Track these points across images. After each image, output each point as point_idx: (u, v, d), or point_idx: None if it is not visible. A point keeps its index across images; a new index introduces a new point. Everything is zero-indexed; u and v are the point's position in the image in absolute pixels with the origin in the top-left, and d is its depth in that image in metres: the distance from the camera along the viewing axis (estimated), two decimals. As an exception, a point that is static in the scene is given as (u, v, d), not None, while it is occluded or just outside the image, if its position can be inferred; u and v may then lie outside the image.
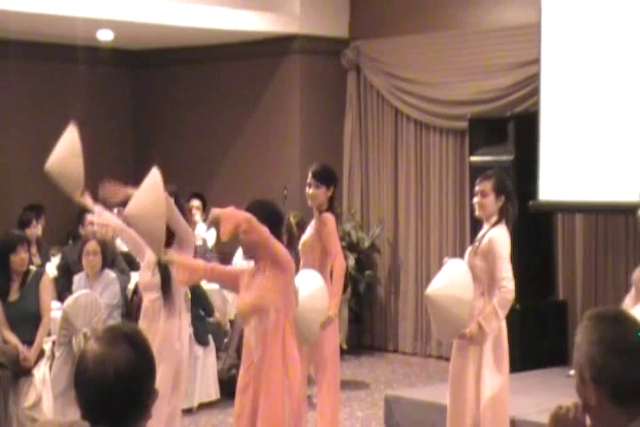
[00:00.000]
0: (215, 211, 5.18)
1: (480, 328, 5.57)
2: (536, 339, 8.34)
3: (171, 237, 5.97)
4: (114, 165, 11.95)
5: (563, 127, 8.39)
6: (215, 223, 6.37)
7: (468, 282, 5.48)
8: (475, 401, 5.63)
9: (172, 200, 6.06)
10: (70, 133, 6.86)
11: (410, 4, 10.18)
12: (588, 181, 8.21)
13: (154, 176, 5.95)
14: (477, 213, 5.88)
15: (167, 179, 6.10)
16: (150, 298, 6.00)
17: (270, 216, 5.26)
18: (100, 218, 6.62)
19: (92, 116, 11.68)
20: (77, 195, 6.52)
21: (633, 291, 5.52)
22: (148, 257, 6.08)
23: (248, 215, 5.07)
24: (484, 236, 5.76)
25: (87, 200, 6.51)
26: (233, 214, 5.13)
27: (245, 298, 5.18)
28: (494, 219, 5.78)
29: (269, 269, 5.12)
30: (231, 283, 5.44)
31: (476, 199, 5.86)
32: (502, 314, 5.63)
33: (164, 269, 5.92)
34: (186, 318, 6.24)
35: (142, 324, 6.00)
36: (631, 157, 7.93)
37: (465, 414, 5.61)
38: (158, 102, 12.06)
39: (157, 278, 5.95)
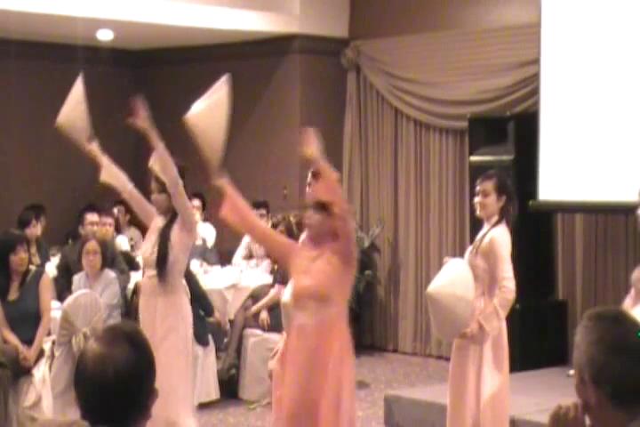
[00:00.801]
0: (324, 167, 4.97)
1: (481, 328, 5.58)
2: (536, 339, 8.34)
3: (174, 217, 6.14)
4: (114, 161, 11.92)
5: (562, 127, 8.39)
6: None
7: (470, 281, 5.48)
8: (475, 401, 5.64)
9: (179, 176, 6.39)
10: (76, 87, 7.06)
11: (410, 4, 10.19)
12: (587, 181, 8.21)
13: (222, 87, 6.03)
14: (478, 212, 5.88)
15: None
16: (148, 274, 6.13)
17: None
18: (108, 172, 6.82)
19: (92, 116, 11.67)
20: (86, 143, 6.71)
21: (633, 291, 5.53)
22: (152, 228, 6.20)
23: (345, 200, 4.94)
24: (484, 236, 5.76)
25: (95, 150, 6.76)
26: (336, 189, 5.02)
27: (306, 282, 4.95)
28: (495, 219, 5.79)
29: (335, 260, 4.94)
30: (277, 250, 5.32)
31: (477, 199, 5.86)
32: (503, 314, 5.64)
33: (162, 246, 6.01)
34: (185, 298, 6.32)
35: (141, 300, 6.16)
36: (631, 157, 7.93)
37: (465, 414, 5.62)
38: (158, 102, 12.04)
39: (154, 256, 6.04)
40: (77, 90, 7.02)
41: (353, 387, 5.22)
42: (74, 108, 6.95)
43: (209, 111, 5.91)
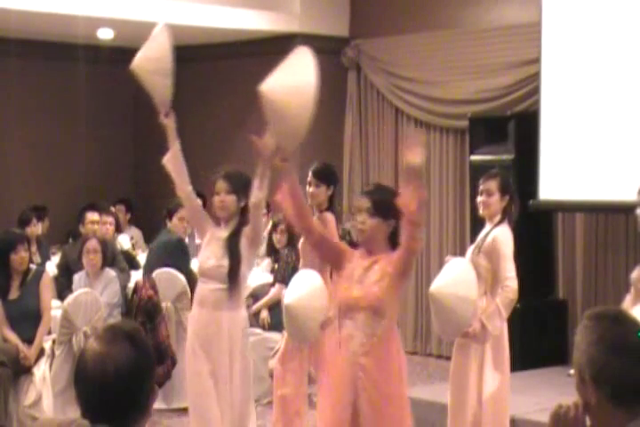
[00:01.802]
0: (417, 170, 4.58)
1: (483, 327, 5.58)
2: (536, 338, 8.34)
3: (240, 226, 5.67)
4: (114, 160, 11.98)
5: (563, 126, 8.39)
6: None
7: (472, 280, 5.48)
8: (476, 400, 5.64)
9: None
10: (162, 34, 5.95)
11: (410, 3, 10.19)
12: (588, 181, 8.21)
13: (309, 63, 5.38)
14: (481, 212, 5.88)
15: (166, 176, 6.07)
16: (212, 287, 5.65)
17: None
18: (174, 158, 6.29)
19: (93, 113, 11.70)
20: (162, 113, 6.04)
21: (633, 290, 5.53)
22: (209, 238, 5.74)
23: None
24: (487, 235, 5.76)
25: (170, 126, 6.15)
26: (422, 198, 4.57)
27: (358, 293, 4.66)
28: (497, 218, 5.79)
29: (391, 271, 4.62)
30: (330, 251, 4.89)
31: (480, 198, 5.86)
32: (505, 313, 5.64)
33: (234, 260, 5.58)
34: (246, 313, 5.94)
35: (201, 314, 5.69)
36: (631, 157, 7.93)
37: (466, 413, 5.62)
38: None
39: (224, 269, 5.59)
40: (163, 39, 5.94)
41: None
42: (158, 59, 5.96)
43: (295, 90, 5.13)
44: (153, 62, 5.79)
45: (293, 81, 5.18)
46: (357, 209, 4.83)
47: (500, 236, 5.71)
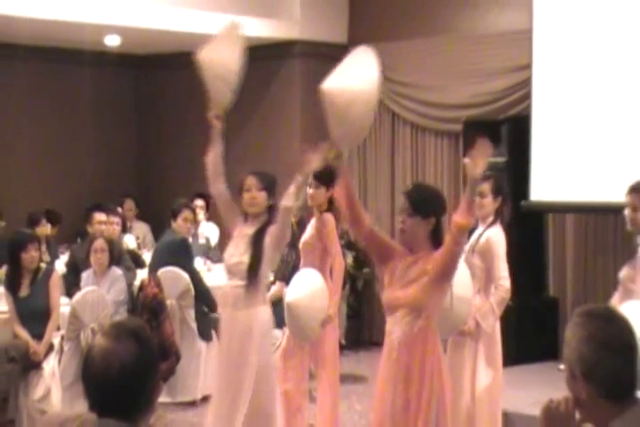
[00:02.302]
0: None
1: (477, 325, 5.59)
2: (528, 334, 8.34)
3: (267, 224, 5.51)
4: (119, 162, 11.97)
5: (554, 130, 8.40)
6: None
7: (467, 280, 5.48)
8: (470, 395, 5.65)
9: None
10: (232, 28, 5.78)
11: (406, 10, 10.19)
12: (578, 183, 8.22)
13: (373, 63, 5.16)
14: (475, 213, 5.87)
15: (170, 178, 6.11)
16: (232, 284, 5.53)
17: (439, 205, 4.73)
18: (214, 158, 6.14)
19: (99, 117, 11.70)
20: (213, 114, 5.90)
21: (621, 289, 5.53)
22: (236, 235, 5.58)
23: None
24: (480, 236, 5.77)
25: (217, 128, 6.08)
26: (472, 209, 4.52)
27: (398, 292, 4.62)
28: (490, 219, 5.79)
29: (430, 270, 4.53)
30: (381, 248, 4.73)
31: None
32: (499, 311, 5.66)
33: (255, 253, 5.44)
34: (268, 310, 5.61)
35: (223, 311, 5.56)
36: (620, 159, 7.93)
37: (460, 407, 5.62)
38: (163, 104, 12.07)
39: (243, 266, 5.45)
40: (235, 39, 5.76)
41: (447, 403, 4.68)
42: (226, 64, 5.78)
43: (358, 92, 4.89)
44: (220, 66, 5.64)
45: (356, 81, 4.94)
46: (399, 209, 4.74)
47: (493, 236, 5.72)
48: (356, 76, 4.98)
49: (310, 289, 5.95)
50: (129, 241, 9.99)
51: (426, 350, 4.58)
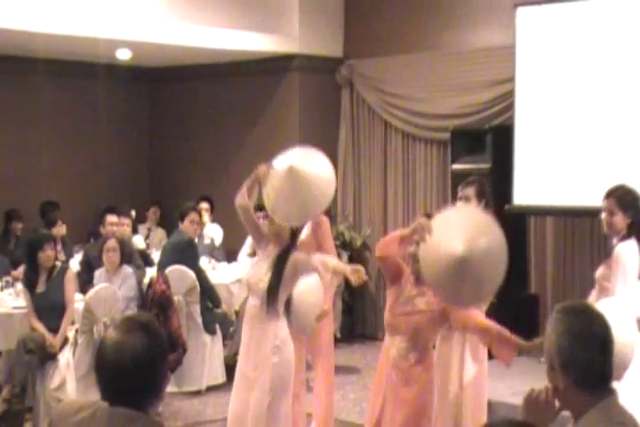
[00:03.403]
0: None
1: None
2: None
3: (291, 247, 5.28)
4: (132, 168, 11.97)
5: (535, 139, 8.40)
6: None
7: None
8: (457, 385, 5.64)
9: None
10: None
11: (398, 27, 10.19)
12: (557, 188, 8.22)
13: None
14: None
15: (179, 182, 6.07)
16: (252, 302, 5.36)
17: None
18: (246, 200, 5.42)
19: (113, 126, 11.69)
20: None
21: (597, 287, 5.53)
22: (261, 255, 5.38)
23: None
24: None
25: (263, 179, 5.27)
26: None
27: (402, 317, 4.68)
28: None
29: (437, 309, 4.57)
30: (392, 269, 4.77)
31: (459, 204, 5.85)
32: (484, 307, 5.65)
33: (275, 275, 5.22)
34: (285, 327, 5.40)
35: (244, 328, 5.40)
36: (596, 167, 7.94)
37: (449, 397, 5.61)
38: (172, 114, 12.06)
39: (263, 285, 5.25)
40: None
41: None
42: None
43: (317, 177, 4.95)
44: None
45: (318, 168, 5.06)
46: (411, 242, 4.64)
47: None
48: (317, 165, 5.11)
49: (306, 286, 5.94)
50: (138, 241, 9.99)
51: (420, 381, 4.68)
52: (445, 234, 4.29)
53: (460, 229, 4.31)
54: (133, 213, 10.30)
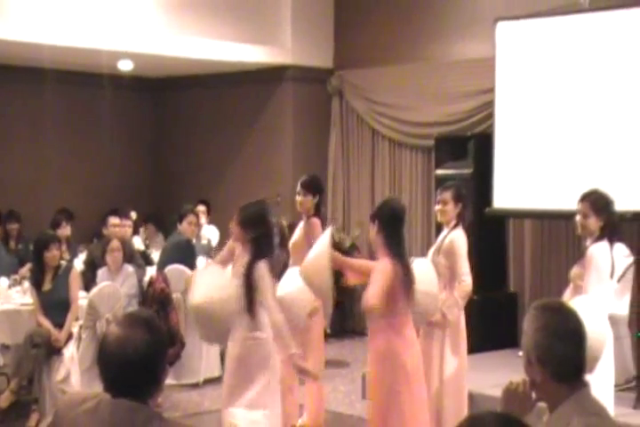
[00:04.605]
0: None
1: (443, 316, 5.60)
2: (491, 325, 8.35)
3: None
4: (134, 173, 11.95)
5: (514, 146, 8.42)
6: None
7: (434, 277, 5.50)
8: (438, 378, 5.65)
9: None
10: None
11: (386, 40, 10.21)
12: (535, 192, 8.24)
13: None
14: (439, 218, 5.90)
15: (178, 186, 6.05)
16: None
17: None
18: None
19: (116, 133, 11.68)
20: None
21: (572, 285, 5.55)
22: (237, 261, 5.14)
23: None
24: (445, 238, 5.78)
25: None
26: None
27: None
28: (453, 223, 5.81)
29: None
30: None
31: (437, 207, 5.87)
32: (462, 304, 5.66)
33: (247, 285, 5.01)
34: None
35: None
36: (571, 172, 7.95)
37: (430, 389, 5.62)
38: (172, 122, 12.06)
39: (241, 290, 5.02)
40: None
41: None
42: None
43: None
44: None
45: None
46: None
47: (456, 238, 5.73)
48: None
49: (298, 285, 5.94)
50: (136, 242, 9.97)
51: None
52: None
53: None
54: (134, 214, 10.29)
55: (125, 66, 10.22)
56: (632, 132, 7.58)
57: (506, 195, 8.43)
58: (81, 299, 7.07)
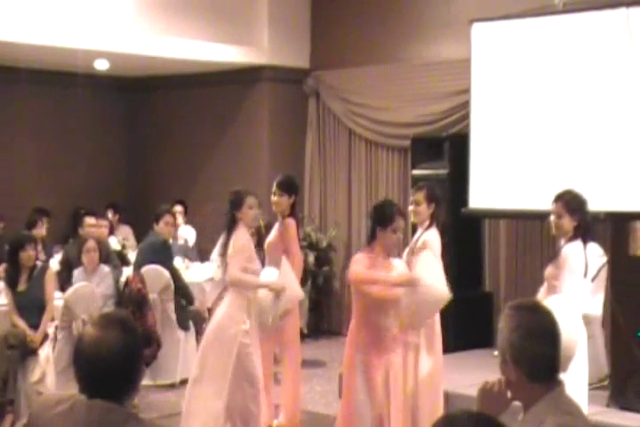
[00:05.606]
0: None
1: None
2: (466, 324, 8.38)
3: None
4: (109, 173, 11.90)
5: (489, 147, 8.45)
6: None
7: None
8: (413, 377, 5.66)
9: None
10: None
11: (362, 40, 10.22)
12: (510, 192, 8.27)
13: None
14: (413, 219, 5.89)
15: (155, 186, 6.04)
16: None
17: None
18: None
19: (91, 133, 11.62)
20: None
21: (546, 284, 5.58)
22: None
23: None
24: (418, 238, 5.79)
25: None
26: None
27: None
28: (427, 223, 5.81)
29: None
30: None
31: (411, 208, 5.88)
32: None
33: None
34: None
35: None
36: (545, 173, 8.00)
37: (405, 389, 5.63)
38: (147, 122, 12.01)
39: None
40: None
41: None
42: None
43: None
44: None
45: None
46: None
47: (430, 239, 5.74)
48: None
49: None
50: (112, 242, 9.92)
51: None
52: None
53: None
54: (110, 214, 10.23)
55: (102, 65, 10.17)
56: (605, 132, 7.63)
57: (481, 195, 8.46)
58: (56, 299, 7.03)
